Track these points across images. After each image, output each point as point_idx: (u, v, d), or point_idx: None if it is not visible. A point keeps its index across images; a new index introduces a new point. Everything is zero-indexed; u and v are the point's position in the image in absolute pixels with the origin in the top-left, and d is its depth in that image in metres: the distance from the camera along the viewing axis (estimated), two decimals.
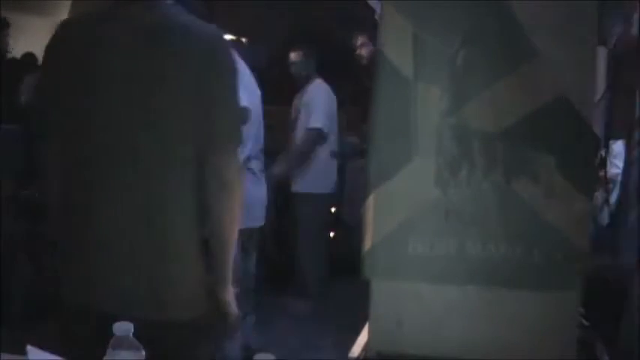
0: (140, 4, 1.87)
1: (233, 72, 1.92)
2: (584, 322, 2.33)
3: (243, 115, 2.01)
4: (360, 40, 4.94)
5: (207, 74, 1.84)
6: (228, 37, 2.77)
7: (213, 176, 1.88)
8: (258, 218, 3.50)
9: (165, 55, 1.83)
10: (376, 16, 2.29)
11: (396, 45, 1.99)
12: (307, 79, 4.97)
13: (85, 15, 1.99)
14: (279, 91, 4.78)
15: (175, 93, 1.83)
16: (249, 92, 3.18)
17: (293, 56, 4.95)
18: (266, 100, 3.48)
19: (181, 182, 1.87)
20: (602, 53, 2.53)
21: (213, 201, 1.89)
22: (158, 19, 1.85)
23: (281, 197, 4.84)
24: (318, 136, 4.86)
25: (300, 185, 4.95)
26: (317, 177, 4.98)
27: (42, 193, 2.14)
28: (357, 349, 2.16)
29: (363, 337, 2.17)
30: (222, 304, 1.97)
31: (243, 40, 4.33)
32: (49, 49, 1.93)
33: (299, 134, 4.81)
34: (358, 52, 4.99)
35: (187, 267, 1.89)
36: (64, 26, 1.95)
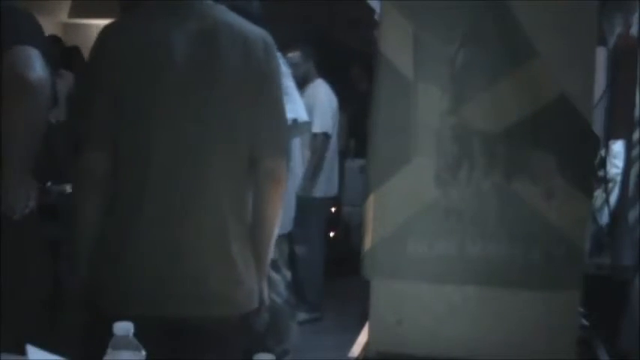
0: (191, 7, 1.89)
1: (280, 73, 1.97)
2: (584, 322, 2.33)
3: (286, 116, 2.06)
4: None
5: (259, 75, 1.88)
6: None
7: (266, 175, 1.92)
8: (285, 225, 3.49)
9: (220, 56, 1.85)
10: (376, 16, 2.29)
11: (396, 45, 1.99)
12: (306, 80, 4.96)
13: (132, 17, 1.98)
14: None
15: (229, 93, 1.86)
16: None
17: (291, 57, 4.94)
18: None
19: (234, 181, 1.90)
20: (602, 53, 2.53)
21: (264, 198, 1.94)
22: (212, 21, 1.88)
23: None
24: (325, 140, 4.85)
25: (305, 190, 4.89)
26: (320, 180, 4.96)
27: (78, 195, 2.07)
28: (357, 349, 2.16)
29: (363, 337, 2.17)
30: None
31: None
32: (99, 51, 1.91)
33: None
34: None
35: (236, 262, 1.90)
36: (113, 28, 1.94)
